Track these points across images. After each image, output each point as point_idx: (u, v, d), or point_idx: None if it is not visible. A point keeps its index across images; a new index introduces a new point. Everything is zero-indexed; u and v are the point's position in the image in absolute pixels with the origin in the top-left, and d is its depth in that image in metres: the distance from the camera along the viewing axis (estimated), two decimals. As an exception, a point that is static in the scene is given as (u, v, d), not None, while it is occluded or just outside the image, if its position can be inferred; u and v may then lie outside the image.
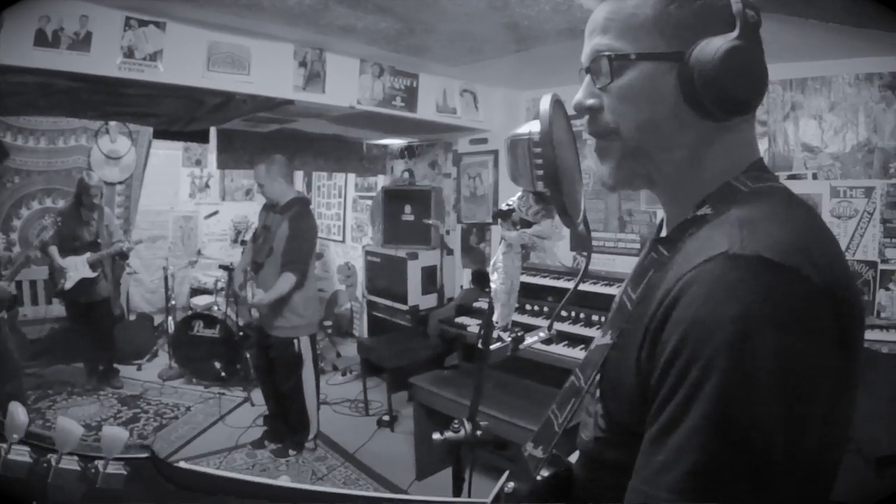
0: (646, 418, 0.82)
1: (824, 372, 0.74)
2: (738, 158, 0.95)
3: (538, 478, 1.03)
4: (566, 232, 1.12)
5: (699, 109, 0.89)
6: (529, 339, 1.24)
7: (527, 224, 1.13)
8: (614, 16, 0.93)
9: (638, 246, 4.46)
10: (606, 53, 0.92)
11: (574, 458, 1.11)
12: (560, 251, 4.64)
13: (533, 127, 1.02)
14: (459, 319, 4.59)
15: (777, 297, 0.73)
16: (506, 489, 1.07)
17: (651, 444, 0.77)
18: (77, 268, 5.50)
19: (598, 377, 0.98)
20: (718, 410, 0.71)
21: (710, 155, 0.94)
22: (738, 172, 0.93)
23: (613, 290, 3.78)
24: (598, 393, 1.01)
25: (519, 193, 1.12)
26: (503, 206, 1.14)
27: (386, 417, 5.08)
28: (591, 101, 0.97)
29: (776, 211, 0.86)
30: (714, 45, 0.85)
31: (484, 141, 5.28)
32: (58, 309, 6.31)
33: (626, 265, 4.43)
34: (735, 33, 0.86)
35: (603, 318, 3.78)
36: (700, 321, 0.74)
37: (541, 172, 1.02)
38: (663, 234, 1.04)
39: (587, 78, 0.98)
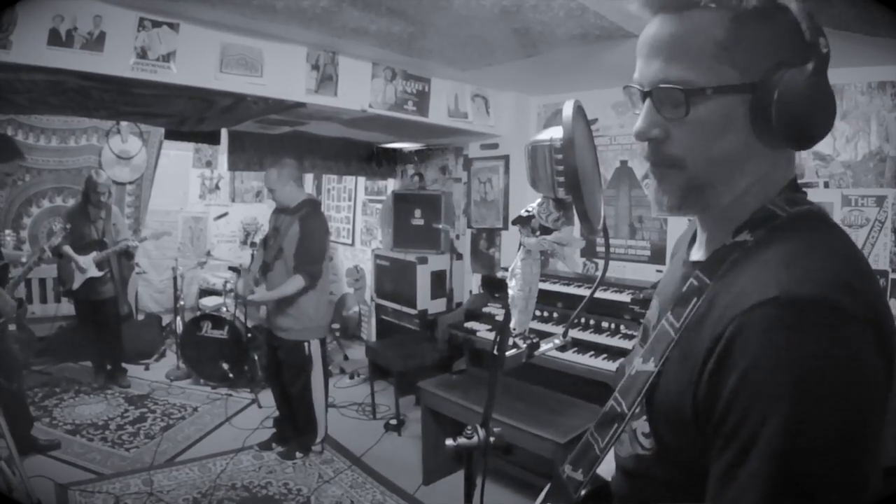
0: (698, 444, 0.84)
1: (878, 405, 0.75)
2: (779, 179, 0.95)
3: (577, 499, 1.03)
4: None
5: (769, 141, 0.88)
6: (545, 346, 1.22)
7: (546, 230, 1.11)
8: (681, 40, 0.89)
9: (648, 253, 4.44)
10: (679, 87, 0.88)
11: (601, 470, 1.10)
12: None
13: (554, 133, 1.01)
14: (468, 324, 4.58)
15: (830, 339, 0.74)
16: None
17: (718, 483, 0.79)
18: (85, 265, 5.52)
19: (642, 402, 0.97)
20: (779, 456, 0.72)
21: (763, 180, 0.93)
22: (773, 194, 0.93)
23: (624, 297, 3.81)
24: (638, 411, 1.00)
25: (539, 199, 1.11)
26: (523, 212, 1.13)
27: (393, 421, 5.07)
28: (656, 132, 0.94)
29: (816, 243, 0.86)
30: (794, 80, 0.83)
31: (495, 146, 5.27)
32: (66, 307, 6.33)
33: (636, 272, 4.43)
34: (811, 66, 0.84)
35: (612, 325, 3.82)
36: (757, 368, 0.75)
37: (562, 179, 1.01)
38: (697, 254, 1.04)
39: (648, 105, 0.94)
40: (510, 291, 1.17)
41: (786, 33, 0.86)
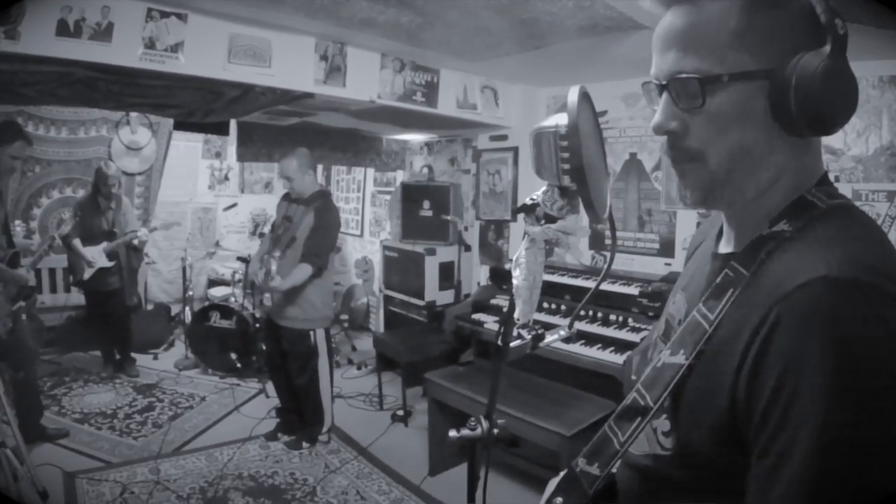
0: (727, 444, 0.82)
1: None
2: (811, 171, 0.93)
3: (593, 494, 0.99)
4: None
5: (790, 129, 0.86)
6: (549, 338, 1.21)
7: (551, 219, 1.10)
8: (695, 30, 0.89)
9: (657, 246, 4.43)
10: (695, 76, 0.88)
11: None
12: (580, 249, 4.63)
13: (559, 119, 0.99)
14: (476, 316, 4.57)
15: (879, 323, 0.72)
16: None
17: (765, 478, 0.76)
18: (94, 257, 5.54)
19: (670, 397, 0.94)
20: (832, 442, 0.71)
21: (788, 171, 0.92)
22: (810, 185, 0.92)
23: (632, 290, 3.80)
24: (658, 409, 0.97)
25: (543, 188, 1.10)
26: (527, 201, 1.11)
27: (400, 412, 5.08)
28: (674, 125, 0.93)
29: (857, 231, 0.85)
30: (812, 62, 0.82)
31: (504, 137, 5.25)
32: (76, 297, 6.36)
33: (644, 265, 4.41)
34: (827, 49, 0.82)
35: (620, 318, 3.81)
36: (806, 349, 0.73)
37: (567, 166, 0.99)
38: (727, 247, 1.02)
39: (666, 98, 0.93)
40: (514, 281, 1.15)
41: (800, 17, 0.85)
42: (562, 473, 1.06)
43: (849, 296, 0.73)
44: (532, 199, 1.11)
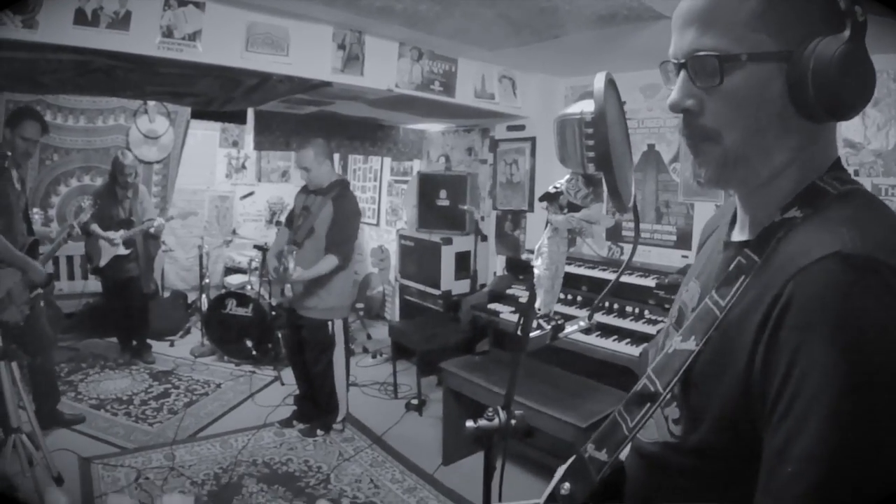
0: (736, 430, 0.82)
1: None
2: (824, 157, 0.92)
3: (599, 480, 0.99)
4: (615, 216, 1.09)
5: (806, 112, 0.85)
6: (569, 328, 1.20)
7: (574, 208, 1.09)
8: (715, 9, 0.88)
9: (674, 238, 4.40)
10: (713, 54, 0.87)
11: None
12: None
13: (585, 106, 0.98)
14: (492, 306, 4.56)
15: (894, 302, 0.72)
16: (562, 490, 1.03)
17: (776, 455, 0.76)
18: (114, 238, 5.57)
19: (679, 383, 0.94)
20: (842, 417, 0.70)
21: (802, 155, 0.91)
22: (822, 172, 0.91)
23: (649, 282, 3.78)
24: (669, 396, 0.96)
25: (567, 176, 1.09)
26: (550, 189, 1.10)
27: (415, 401, 5.09)
28: (690, 103, 0.92)
29: (872, 214, 0.85)
30: (831, 47, 0.81)
31: (521, 127, 5.23)
32: (93, 284, 6.41)
33: (661, 257, 4.38)
34: (847, 33, 0.81)
35: (637, 310, 3.79)
36: (819, 325, 0.73)
37: (592, 154, 0.98)
38: (740, 235, 1.01)
39: (683, 76, 0.92)
40: (536, 271, 1.14)
41: (820, 1, 0.85)
42: (570, 459, 1.07)
43: (863, 273, 0.73)
44: (555, 187, 1.10)
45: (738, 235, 1.02)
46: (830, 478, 0.70)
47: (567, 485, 1.03)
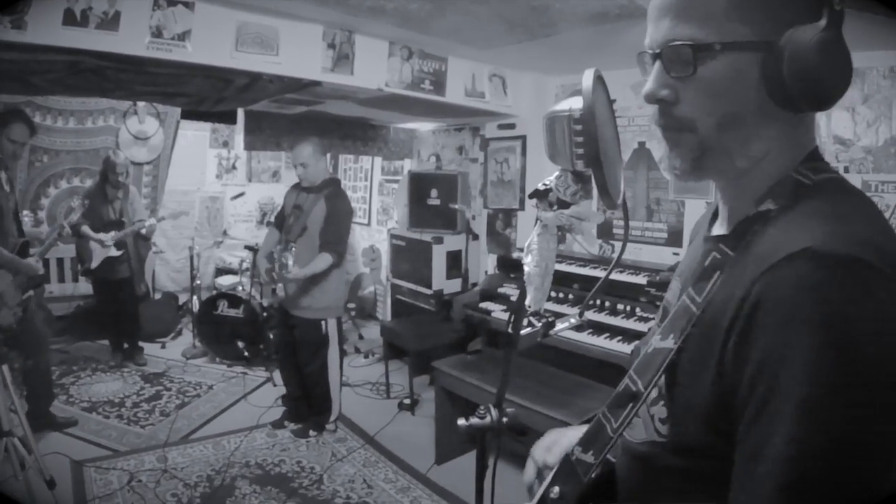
0: (719, 427, 0.81)
1: None
2: (800, 148, 0.92)
3: (587, 482, 0.99)
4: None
5: (783, 102, 0.85)
6: (560, 325, 1.20)
7: (564, 205, 1.09)
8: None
9: (665, 235, 4.41)
10: (688, 43, 0.87)
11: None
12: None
13: (574, 103, 0.98)
14: (483, 304, 4.57)
15: (866, 298, 0.71)
16: (551, 494, 1.02)
17: (749, 456, 0.76)
18: (104, 239, 5.55)
19: (661, 382, 0.94)
20: (814, 418, 0.70)
21: (780, 145, 0.90)
22: (797, 163, 0.90)
23: (640, 280, 3.79)
24: (654, 395, 0.96)
25: (556, 173, 1.09)
26: (540, 186, 1.10)
27: (407, 401, 5.09)
28: (665, 93, 0.91)
29: (846, 205, 0.84)
30: (807, 36, 0.81)
31: (512, 126, 5.24)
32: (84, 286, 6.39)
33: (652, 254, 4.39)
34: (823, 22, 0.81)
35: (628, 307, 3.80)
36: (789, 324, 0.72)
37: (581, 151, 0.98)
38: (720, 228, 1.01)
39: (658, 66, 0.92)
40: (526, 268, 1.14)
41: None
42: (559, 461, 1.06)
43: (835, 269, 0.72)
44: (545, 184, 1.10)
45: (718, 229, 1.02)
46: (803, 478, 0.70)
47: (557, 488, 1.02)
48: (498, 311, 4.41)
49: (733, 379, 0.79)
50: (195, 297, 6.58)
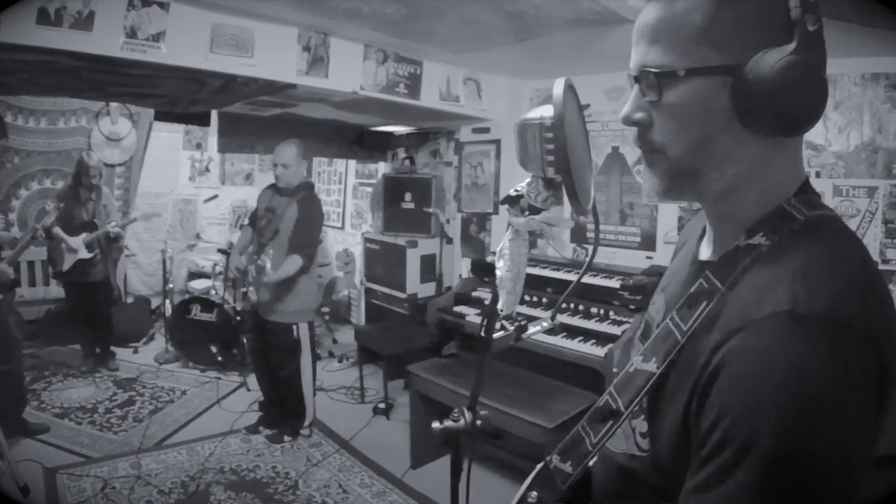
0: (685, 455, 0.82)
1: (870, 436, 0.75)
2: (788, 178, 0.91)
3: (564, 490, 1.00)
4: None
5: (753, 127, 0.84)
6: (532, 329, 1.22)
7: (535, 210, 1.10)
8: (661, 24, 0.87)
9: (638, 240, 4.45)
10: (652, 70, 0.87)
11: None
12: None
13: (545, 111, 0.99)
14: (458, 308, 4.58)
15: (836, 364, 0.71)
16: (529, 499, 1.03)
17: (693, 495, 0.77)
18: (76, 244, 5.48)
19: (643, 402, 0.94)
20: (760, 479, 0.70)
21: (762, 173, 0.89)
22: (789, 194, 0.89)
23: (614, 283, 3.82)
24: (637, 409, 0.96)
25: (528, 179, 1.10)
26: (511, 192, 1.11)
27: (382, 405, 5.08)
28: (639, 115, 0.92)
29: (835, 253, 0.83)
30: (769, 60, 0.79)
31: (486, 130, 5.26)
32: (55, 290, 6.31)
33: (626, 258, 4.44)
34: (792, 45, 0.79)
35: (602, 311, 3.83)
36: (758, 382, 0.72)
37: (551, 158, 0.99)
38: (707, 251, 1.01)
39: (636, 89, 0.92)
40: (498, 273, 1.15)
41: (770, 12, 0.82)
42: (538, 467, 1.07)
43: (809, 335, 0.72)
44: (516, 190, 1.11)
45: (706, 251, 1.01)
46: None
47: (535, 493, 1.03)
48: (472, 315, 4.42)
49: (696, 418, 0.80)
50: (168, 301, 6.52)
